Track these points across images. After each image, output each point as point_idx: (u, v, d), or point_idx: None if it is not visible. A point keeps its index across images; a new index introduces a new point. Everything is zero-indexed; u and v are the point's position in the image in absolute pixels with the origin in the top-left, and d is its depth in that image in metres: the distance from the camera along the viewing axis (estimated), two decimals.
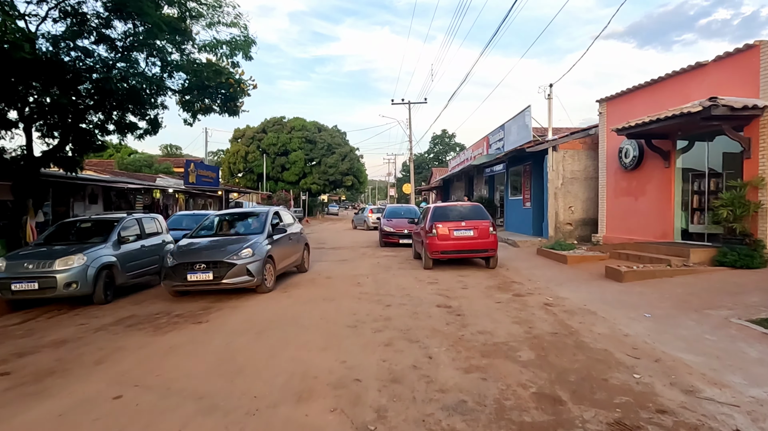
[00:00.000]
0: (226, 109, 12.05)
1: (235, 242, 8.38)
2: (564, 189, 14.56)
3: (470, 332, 5.56)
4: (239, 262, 7.78)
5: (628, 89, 12.37)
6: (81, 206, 16.63)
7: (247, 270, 7.78)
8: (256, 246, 8.21)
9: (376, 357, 4.68)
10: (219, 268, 7.68)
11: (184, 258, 7.91)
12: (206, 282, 7.70)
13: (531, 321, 6.00)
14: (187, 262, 7.80)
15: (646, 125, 9.98)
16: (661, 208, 11.20)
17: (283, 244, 9.41)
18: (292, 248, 10.03)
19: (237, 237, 8.77)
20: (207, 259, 7.82)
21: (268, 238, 8.74)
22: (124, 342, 5.48)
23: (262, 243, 8.44)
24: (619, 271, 8.41)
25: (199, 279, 7.68)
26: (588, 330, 5.58)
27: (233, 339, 5.44)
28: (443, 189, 35.81)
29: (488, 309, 6.72)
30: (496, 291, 8.14)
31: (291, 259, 9.88)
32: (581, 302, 7.07)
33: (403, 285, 8.80)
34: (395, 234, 16.53)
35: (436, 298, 7.57)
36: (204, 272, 7.67)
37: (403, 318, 6.27)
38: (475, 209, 11.13)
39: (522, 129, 17.12)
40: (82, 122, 12.22)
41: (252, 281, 7.87)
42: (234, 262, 7.75)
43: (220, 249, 8.11)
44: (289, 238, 9.89)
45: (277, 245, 8.98)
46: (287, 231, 9.74)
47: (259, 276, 7.94)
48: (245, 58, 10.12)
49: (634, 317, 6.09)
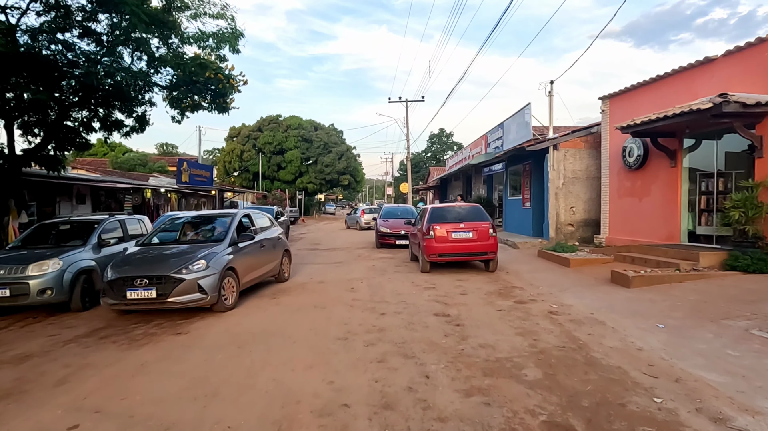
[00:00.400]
0: (216, 105, 11.59)
1: (188, 252, 7.12)
2: (565, 189, 14.14)
3: (470, 345, 5.12)
4: (189, 277, 6.49)
5: (632, 86, 11.95)
6: (68, 206, 16.12)
7: (199, 287, 6.50)
8: (212, 257, 6.95)
9: (368, 377, 4.23)
10: (164, 284, 6.41)
11: (124, 272, 6.64)
12: (148, 301, 6.43)
13: (535, 333, 5.56)
14: (126, 277, 6.53)
15: (653, 123, 9.56)
16: (666, 208, 10.79)
17: (252, 253, 8.14)
18: (266, 256, 8.73)
19: (192, 246, 7.44)
20: (149, 273, 6.54)
21: (231, 247, 7.52)
22: (93, 358, 5.02)
23: (221, 253, 7.19)
24: (626, 276, 7.99)
25: (140, 297, 6.40)
26: (597, 343, 5.15)
27: (212, 354, 4.99)
28: (441, 188, 35.40)
29: (489, 319, 6.29)
30: (496, 297, 7.71)
31: (263, 270, 8.60)
32: (588, 310, 6.64)
33: (399, 291, 8.36)
34: (392, 235, 16.09)
35: (434, 306, 7.13)
36: (146, 289, 6.39)
37: (398, 329, 5.83)
38: (474, 210, 10.69)
39: (522, 127, 16.69)
40: (67, 119, 11.77)
41: (205, 299, 6.56)
42: (182, 277, 6.46)
43: (167, 261, 6.87)
44: (261, 245, 8.55)
45: (242, 255, 7.72)
46: (256, 238, 8.35)
47: (213, 293, 6.63)
48: (232, 51, 9.65)
49: (646, 328, 5.66)
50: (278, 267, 9.35)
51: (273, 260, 9.09)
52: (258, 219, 9.28)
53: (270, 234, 9.27)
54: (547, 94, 14.36)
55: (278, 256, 9.39)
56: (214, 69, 10.97)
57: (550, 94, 14.37)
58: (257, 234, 8.57)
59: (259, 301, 7.77)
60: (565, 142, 14.15)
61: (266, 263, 8.72)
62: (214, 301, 6.69)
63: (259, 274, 8.46)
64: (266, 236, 8.98)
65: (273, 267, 9.10)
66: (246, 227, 8.64)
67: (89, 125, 12.03)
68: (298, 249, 16.72)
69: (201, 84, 10.89)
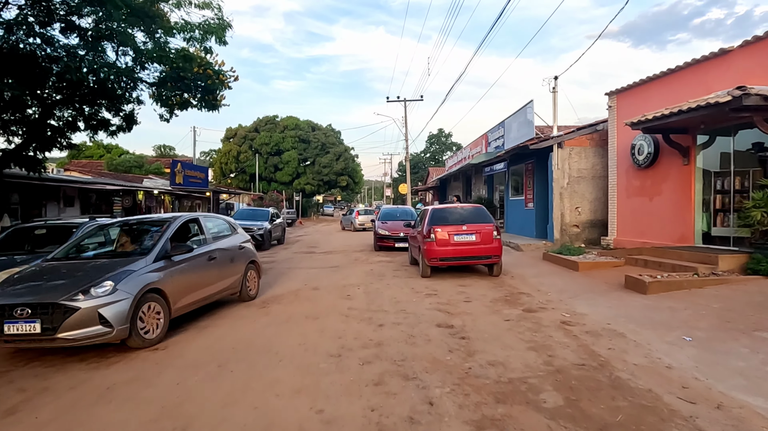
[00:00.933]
0: (205, 103, 11.06)
1: (95, 270, 5.42)
2: (570, 188, 13.61)
3: (478, 363, 4.57)
4: (86, 304, 4.85)
5: (641, 80, 11.43)
6: (55, 209, 15.58)
7: (101, 317, 4.88)
8: (125, 277, 5.24)
9: (363, 404, 3.68)
10: (51, 315, 4.77)
11: (4, 297, 5.00)
12: (31, 338, 4.79)
13: (550, 347, 5.02)
14: (4, 304, 4.87)
15: (666, 118, 9.03)
16: (679, 208, 10.26)
17: (195, 268, 6.42)
18: (218, 271, 6.99)
19: (105, 262, 5.72)
20: (33, 300, 4.87)
21: (160, 261, 5.82)
22: (55, 380, 4.46)
23: (140, 270, 5.49)
24: (642, 282, 7.45)
25: (19, 332, 4.75)
26: (620, 359, 4.60)
27: (188, 375, 4.43)
28: (440, 189, 34.88)
29: (497, 330, 5.74)
30: (503, 305, 7.16)
31: (214, 287, 6.87)
32: (604, 320, 6.10)
33: (398, 298, 7.82)
34: (390, 237, 15.55)
35: (436, 315, 6.58)
36: (27, 321, 4.75)
37: (398, 343, 5.28)
38: (477, 211, 10.15)
39: (524, 125, 16.16)
40: (50, 118, 11.23)
41: (109, 334, 4.93)
42: (75, 305, 4.82)
43: (62, 282, 5.18)
44: (211, 258, 6.84)
45: (177, 271, 6.02)
46: (201, 249, 6.71)
47: (122, 324, 4.97)
48: (219, 43, 9.10)
49: (671, 341, 5.12)
50: (240, 283, 7.66)
51: (231, 275, 7.35)
52: (211, 225, 7.66)
53: (227, 244, 7.55)
54: (551, 91, 13.85)
55: (239, 270, 7.64)
56: (203, 65, 10.45)
57: (554, 90, 13.85)
58: (206, 244, 6.98)
59: (247, 310, 7.21)
60: (569, 140, 13.62)
61: (219, 279, 7.00)
62: (123, 335, 5.05)
63: (207, 294, 6.70)
64: (221, 246, 7.28)
65: (231, 284, 7.39)
66: (193, 235, 7.11)
67: (74, 124, 11.50)
68: (293, 253, 16.19)
69: (189, 80, 10.36)
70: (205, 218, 7.59)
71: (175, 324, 6.26)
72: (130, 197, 18.45)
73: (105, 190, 17.05)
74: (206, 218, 7.68)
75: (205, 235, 7.16)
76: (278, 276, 10.68)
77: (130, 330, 5.10)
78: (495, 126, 20.09)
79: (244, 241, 8.17)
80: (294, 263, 13.13)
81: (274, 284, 9.56)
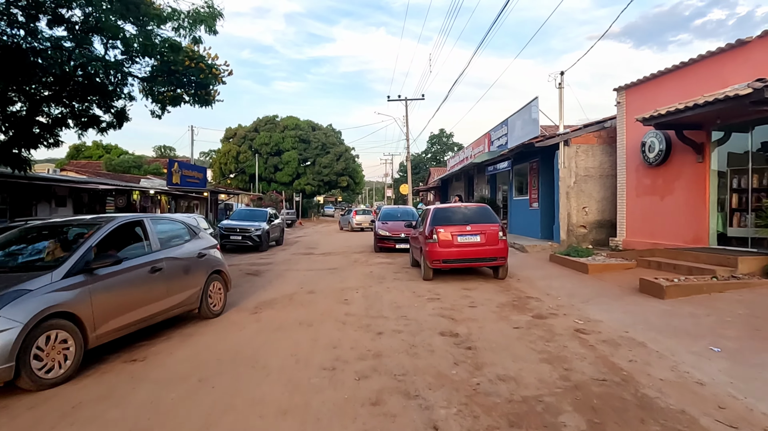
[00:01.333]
0: (198, 98, 10.60)
1: None
2: (577, 187, 13.16)
3: (487, 378, 4.12)
4: None
5: (652, 75, 10.98)
6: (46, 209, 15.15)
7: None
8: (13, 300, 4.02)
9: (357, 429, 3.23)
10: None
11: None
12: None
13: (565, 359, 4.56)
14: None
15: (680, 113, 8.59)
16: (692, 208, 9.80)
17: (130, 283, 5.17)
18: (165, 285, 5.69)
19: None
20: None
21: (77, 276, 4.61)
22: (14, 397, 4.00)
23: (42, 290, 4.26)
24: (658, 285, 6.99)
25: None
26: (644, 373, 4.15)
27: (165, 391, 3.98)
28: (441, 189, 34.42)
29: (506, 339, 5.29)
30: (510, 310, 6.71)
31: (157, 306, 5.56)
32: (620, 327, 5.65)
33: (399, 303, 7.36)
34: (391, 238, 15.08)
35: (439, 322, 6.13)
36: None
37: (398, 354, 4.83)
38: (481, 211, 9.69)
39: (528, 123, 15.70)
40: (38, 115, 10.81)
41: None
42: None
43: None
44: (155, 269, 5.56)
45: (102, 288, 4.80)
46: (136, 260, 5.39)
47: (6, 363, 3.80)
48: (209, 32, 8.63)
49: (698, 351, 4.67)
50: (197, 298, 6.36)
51: (185, 288, 6.09)
52: (162, 228, 6.30)
53: (182, 251, 6.25)
54: (557, 86, 13.39)
55: (197, 282, 6.37)
56: (195, 58, 9.99)
57: (560, 86, 13.40)
58: (150, 252, 5.65)
59: (237, 315, 6.76)
60: (576, 137, 13.17)
61: (166, 294, 5.71)
62: (6, 376, 3.83)
63: (148, 314, 5.39)
64: (172, 254, 5.99)
65: (186, 299, 6.12)
66: (134, 241, 5.70)
67: (63, 121, 11.08)
68: (291, 254, 15.75)
69: (180, 74, 9.91)
70: (153, 220, 6.14)
71: (157, 333, 5.82)
72: (124, 197, 18.02)
73: (98, 190, 16.62)
74: (155, 220, 6.24)
75: (151, 241, 5.78)
76: (273, 278, 10.24)
77: (17, 369, 3.89)
78: (498, 124, 19.64)
79: (207, 247, 6.89)
80: (291, 265, 12.68)
81: (268, 287, 9.12)
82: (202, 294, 6.48)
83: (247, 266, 12.54)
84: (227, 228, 16.96)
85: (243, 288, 9.12)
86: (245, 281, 9.98)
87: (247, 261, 13.61)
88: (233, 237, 16.70)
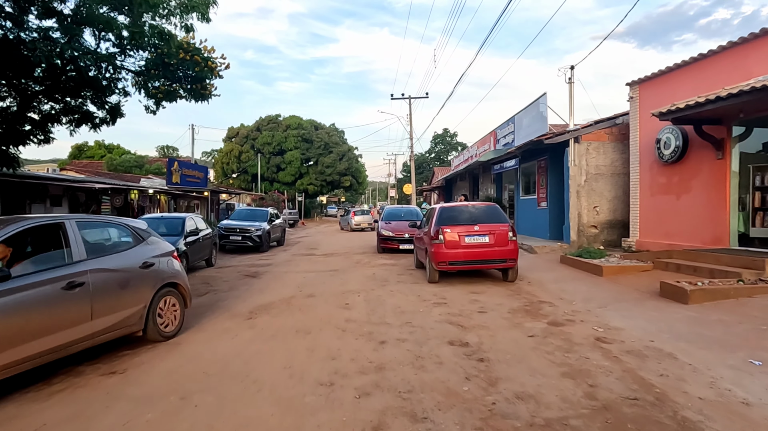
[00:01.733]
0: (193, 93, 10.19)
1: None
2: (588, 186, 12.67)
3: (504, 396, 3.67)
4: None
5: (668, 68, 10.48)
6: (41, 209, 14.77)
7: None
8: None
9: None
10: None
11: None
12: None
13: (588, 373, 4.10)
14: None
15: (701, 107, 8.10)
16: (711, 207, 9.30)
17: (27, 304, 3.96)
18: (87, 304, 4.49)
19: None
20: None
21: None
22: None
23: None
24: (682, 289, 6.51)
25: None
26: (680, 391, 3.69)
27: (140, 411, 3.55)
28: (445, 189, 33.94)
29: (520, 350, 4.83)
30: (523, 316, 6.25)
31: (74, 332, 4.34)
32: (645, 336, 5.18)
33: (403, 308, 6.91)
34: (394, 239, 14.63)
35: (447, 329, 5.68)
36: None
37: (403, 367, 4.38)
38: (489, 210, 9.23)
39: (536, 120, 15.22)
40: (30, 111, 10.44)
41: None
42: None
43: None
44: (72, 284, 4.37)
45: None
46: (42, 275, 4.20)
47: None
48: (202, 20, 8.19)
49: (736, 365, 4.20)
50: (140, 318, 5.15)
51: (120, 307, 4.88)
52: (93, 233, 5.22)
53: (118, 261, 5.07)
54: (567, 81, 12.90)
55: (140, 298, 5.17)
56: (191, 50, 9.59)
57: (570, 80, 12.91)
58: (70, 263, 4.50)
59: (231, 322, 6.31)
60: (587, 134, 12.68)
61: (86, 318, 4.47)
62: None
63: (56, 344, 4.15)
64: (102, 264, 4.80)
65: (121, 320, 4.88)
66: (50, 250, 4.65)
67: (55, 118, 10.69)
68: (292, 255, 15.32)
69: (174, 66, 9.51)
70: (80, 223, 4.87)
71: (139, 341, 5.39)
72: (120, 197, 17.63)
73: (94, 189, 16.24)
74: (84, 223, 4.96)
75: (72, 249, 4.58)
76: (272, 281, 9.81)
77: None
78: (504, 122, 19.17)
79: (156, 255, 5.64)
80: (291, 266, 12.25)
81: (266, 290, 8.69)
82: (148, 313, 5.25)
83: (246, 267, 12.12)
84: (227, 228, 16.57)
85: (239, 291, 8.69)
86: (242, 283, 9.56)
87: (246, 263, 13.20)
88: (233, 237, 16.31)
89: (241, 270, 11.68)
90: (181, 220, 11.79)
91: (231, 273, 11.09)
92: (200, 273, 11.16)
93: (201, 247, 12.03)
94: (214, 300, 7.86)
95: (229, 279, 10.11)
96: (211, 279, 10.29)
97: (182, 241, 10.80)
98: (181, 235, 11.02)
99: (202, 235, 12.26)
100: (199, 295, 8.34)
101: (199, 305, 7.39)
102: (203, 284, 9.58)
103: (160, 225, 11.81)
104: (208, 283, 9.67)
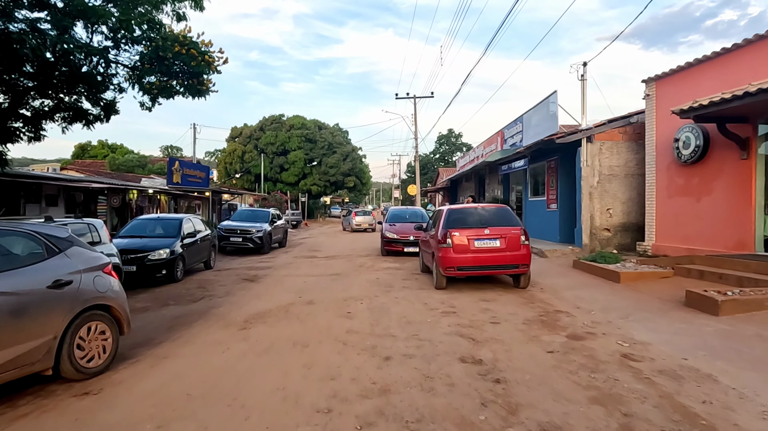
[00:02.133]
0: (190, 88, 9.76)
1: None
2: (600, 188, 12.16)
3: (526, 428, 3.19)
4: None
5: (688, 64, 9.98)
6: (36, 209, 14.38)
7: None
8: None
9: None
10: None
11: None
12: None
13: (620, 399, 3.62)
14: None
15: (726, 103, 7.62)
16: (735, 210, 8.79)
17: None
18: None
19: None
20: None
21: None
22: None
23: None
24: (712, 300, 6.01)
25: None
26: (729, 422, 3.21)
27: None
28: (451, 190, 33.44)
29: (540, 368, 4.35)
30: (540, 328, 5.76)
31: None
32: (676, 352, 4.69)
33: (409, 317, 6.44)
34: (399, 241, 14.14)
35: (458, 342, 5.20)
36: None
37: (410, 389, 3.90)
38: (500, 212, 8.74)
39: (546, 119, 14.71)
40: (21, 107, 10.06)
41: None
42: None
43: None
44: None
45: None
46: None
47: None
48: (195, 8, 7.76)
49: None
50: (48, 353, 3.94)
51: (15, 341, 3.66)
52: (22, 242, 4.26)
53: (18, 282, 3.85)
54: (580, 78, 12.39)
55: (45, 328, 3.94)
56: (187, 44, 9.16)
57: (582, 77, 12.40)
58: None
59: (224, 332, 5.85)
60: (600, 133, 12.18)
61: None
62: None
63: None
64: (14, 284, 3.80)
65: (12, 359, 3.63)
66: None
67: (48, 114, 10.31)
68: (293, 257, 14.87)
69: (170, 61, 9.08)
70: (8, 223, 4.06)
71: (126, 353, 4.93)
72: (118, 197, 17.24)
73: (92, 189, 15.84)
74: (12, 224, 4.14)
75: None
76: (271, 285, 9.36)
77: None
78: (511, 121, 18.67)
79: (77, 271, 4.39)
80: (292, 269, 11.80)
81: (263, 296, 8.23)
82: (60, 346, 4.04)
83: (245, 270, 11.68)
84: (227, 229, 16.15)
85: (236, 296, 8.25)
86: (240, 288, 9.11)
87: (245, 265, 12.76)
88: (233, 238, 15.89)
89: (240, 273, 11.24)
90: (178, 221, 11.36)
91: (229, 277, 10.65)
92: (197, 277, 10.73)
93: (199, 250, 11.60)
94: (208, 306, 7.41)
95: (226, 284, 9.67)
96: (207, 283, 9.85)
97: (179, 243, 10.38)
98: (178, 237, 10.59)
99: (200, 237, 11.83)
100: (193, 301, 7.90)
101: (191, 313, 6.95)
102: (199, 288, 9.14)
103: (157, 226, 11.42)
104: (204, 287, 9.24)
